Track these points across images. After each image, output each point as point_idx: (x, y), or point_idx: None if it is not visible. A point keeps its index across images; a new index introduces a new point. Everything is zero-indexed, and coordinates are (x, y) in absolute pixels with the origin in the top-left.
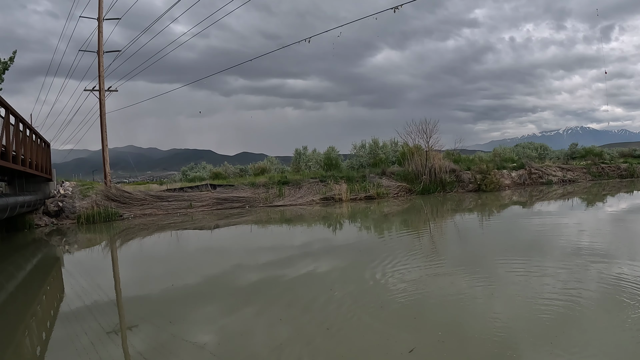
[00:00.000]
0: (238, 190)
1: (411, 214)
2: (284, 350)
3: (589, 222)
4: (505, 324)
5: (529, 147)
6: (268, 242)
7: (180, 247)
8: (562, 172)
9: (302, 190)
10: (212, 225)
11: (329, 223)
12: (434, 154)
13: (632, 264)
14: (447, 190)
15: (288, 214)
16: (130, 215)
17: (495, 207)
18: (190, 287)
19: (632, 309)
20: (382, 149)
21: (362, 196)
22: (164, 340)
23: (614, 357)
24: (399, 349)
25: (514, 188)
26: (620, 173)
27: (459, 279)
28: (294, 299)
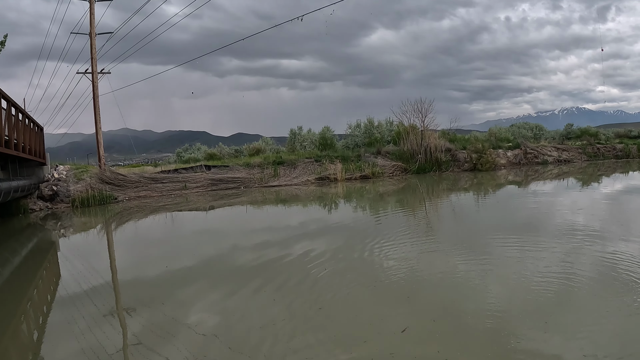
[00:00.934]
0: (233, 171)
1: (407, 194)
2: (276, 331)
3: (584, 202)
4: (499, 304)
5: (524, 127)
6: (263, 222)
7: (175, 229)
8: (557, 152)
9: (297, 170)
10: (207, 206)
11: (324, 203)
12: (429, 134)
13: (626, 243)
14: (443, 169)
15: (283, 194)
16: (125, 197)
17: (490, 187)
18: (186, 269)
19: (625, 289)
20: (377, 128)
21: (358, 176)
22: (160, 322)
23: (607, 336)
24: (392, 328)
25: (510, 168)
26: (616, 153)
27: (454, 258)
28: (289, 279)
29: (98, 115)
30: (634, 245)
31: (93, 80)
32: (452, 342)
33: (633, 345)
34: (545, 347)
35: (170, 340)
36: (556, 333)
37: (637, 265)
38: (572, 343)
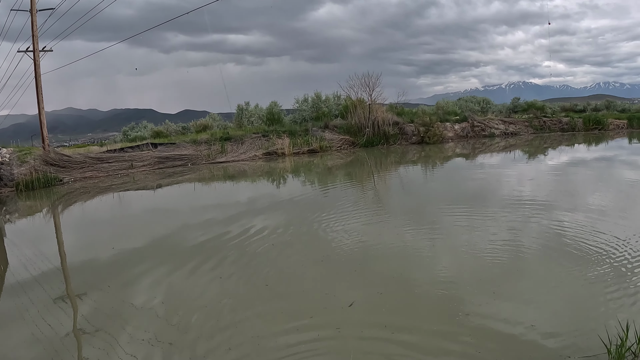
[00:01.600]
0: (180, 148)
1: (355, 167)
2: (222, 308)
3: (530, 174)
4: (448, 274)
5: (471, 101)
6: (212, 199)
7: (123, 209)
8: (504, 125)
9: (244, 145)
10: (155, 185)
11: (272, 178)
12: (377, 107)
13: (573, 214)
14: (391, 142)
15: (231, 170)
16: (71, 179)
17: (438, 159)
18: (134, 250)
19: (572, 258)
20: (325, 102)
21: (305, 150)
22: (110, 304)
23: (554, 306)
24: (339, 302)
25: (457, 140)
26: (562, 127)
27: (402, 230)
28: (235, 256)
29: (40, 95)
30: (580, 215)
31: (35, 58)
32: (400, 314)
33: (579, 313)
34: (494, 317)
35: (121, 322)
36: (504, 302)
37: (583, 235)
38: (520, 312)
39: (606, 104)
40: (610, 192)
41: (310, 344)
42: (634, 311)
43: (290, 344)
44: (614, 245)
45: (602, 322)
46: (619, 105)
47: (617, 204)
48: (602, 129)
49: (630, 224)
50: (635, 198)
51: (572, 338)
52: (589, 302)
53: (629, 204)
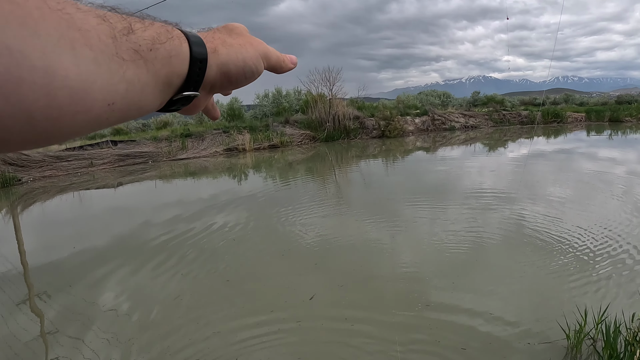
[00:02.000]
0: (140, 145)
1: (316, 162)
2: (183, 305)
3: (491, 166)
4: (408, 267)
5: (432, 95)
6: (173, 196)
7: (84, 208)
8: (464, 119)
9: (205, 142)
10: (115, 183)
11: (233, 174)
12: (337, 102)
13: (533, 205)
14: (351, 137)
15: (192, 166)
16: (30, 178)
17: (399, 153)
18: (96, 249)
19: (532, 249)
20: (286, 97)
21: (266, 145)
22: (74, 305)
23: (513, 293)
24: (299, 296)
25: (418, 134)
26: (521, 120)
27: (364, 223)
28: (197, 253)
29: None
30: (541, 206)
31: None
32: (360, 306)
33: (539, 302)
34: (454, 307)
35: (83, 322)
36: (465, 292)
37: (544, 225)
38: (480, 302)
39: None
40: (570, 183)
41: (270, 337)
42: (593, 298)
43: (250, 338)
44: (575, 235)
45: (562, 310)
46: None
47: (577, 195)
48: (560, 122)
49: (591, 214)
50: (595, 188)
51: (533, 326)
52: (549, 290)
53: (590, 194)
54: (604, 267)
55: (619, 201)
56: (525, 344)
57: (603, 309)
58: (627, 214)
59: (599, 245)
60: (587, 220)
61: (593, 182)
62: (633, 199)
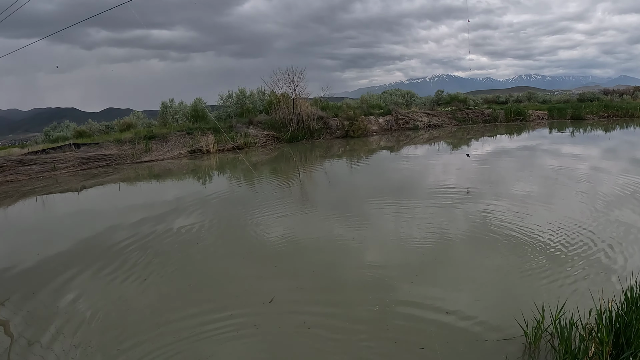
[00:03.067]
0: (103, 148)
1: (280, 162)
2: (145, 310)
3: (454, 164)
4: (371, 266)
5: (396, 94)
6: (137, 200)
7: (47, 213)
8: (428, 118)
9: (169, 144)
10: (79, 186)
11: (197, 176)
12: (301, 102)
13: (496, 202)
14: (316, 137)
15: (156, 169)
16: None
17: (363, 152)
18: (60, 254)
19: (493, 245)
20: (250, 98)
21: (230, 147)
22: (37, 312)
23: (474, 290)
24: (259, 299)
25: (382, 134)
26: (484, 118)
27: (328, 223)
28: (162, 256)
29: None
30: (504, 203)
31: None
32: (319, 309)
33: (499, 298)
34: (416, 304)
35: (45, 328)
36: (427, 289)
37: (505, 222)
38: (442, 298)
39: (528, 95)
40: (532, 180)
41: (230, 341)
42: (551, 295)
43: (210, 342)
44: (535, 232)
45: (521, 307)
46: (540, 97)
47: (540, 191)
48: (523, 120)
49: (552, 210)
50: (557, 185)
51: (492, 322)
52: (509, 287)
53: (552, 190)
54: (562, 263)
55: (580, 197)
56: (483, 340)
57: (560, 306)
58: (589, 211)
59: (557, 242)
60: (546, 216)
61: (554, 178)
62: (596, 195)
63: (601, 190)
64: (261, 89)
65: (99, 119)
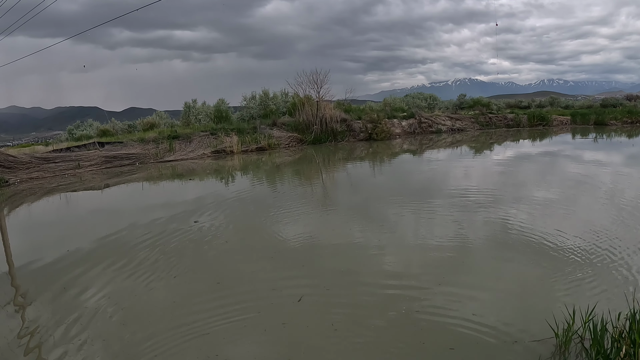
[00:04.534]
0: (127, 147)
1: (303, 164)
2: (174, 308)
3: (476, 169)
4: (394, 269)
5: (418, 97)
6: (161, 199)
7: (71, 210)
8: (451, 122)
9: (192, 144)
10: (102, 184)
11: (221, 176)
12: (324, 104)
13: (519, 207)
14: (339, 139)
15: (179, 168)
16: (17, 180)
17: (386, 155)
18: (83, 251)
19: (517, 249)
20: (273, 100)
21: (254, 147)
22: (64, 307)
23: (500, 293)
24: (288, 298)
25: (405, 137)
26: (507, 123)
27: (350, 226)
28: (188, 255)
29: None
30: (524, 208)
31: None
32: (346, 310)
33: (526, 302)
34: (440, 308)
35: (77, 326)
36: (451, 294)
37: (526, 227)
38: (467, 302)
39: (550, 100)
40: (556, 186)
41: (256, 338)
42: (579, 298)
43: (238, 339)
44: (561, 237)
45: (549, 309)
46: (563, 102)
47: (566, 196)
48: (546, 125)
49: (580, 216)
50: (583, 190)
51: (520, 323)
52: (536, 290)
53: (577, 195)
54: (591, 267)
55: (606, 203)
56: (512, 342)
57: (590, 308)
58: (614, 216)
59: (582, 247)
60: (571, 222)
61: (581, 184)
62: (620, 200)
63: (628, 196)
64: (284, 91)
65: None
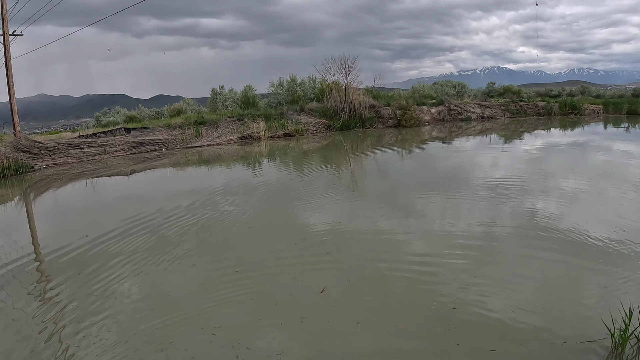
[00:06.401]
0: (154, 132)
1: (331, 151)
2: (193, 296)
3: (506, 158)
4: (421, 260)
5: (447, 85)
6: (186, 185)
7: (96, 196)
8: (480, 109)
9: (219, 130)
10: (128, 170)
11: (247, 162)
12: (353, 90)
13: (546, 198)
14: (367, 126)
15: (206, 154)
16: (43, 165)
17: (415, 143)
18: (109, 237)
19: (545, 242)
20: (300, 85)
21: (281, 133)
22: (89, 293)
23: (531, 289)
24: (311, 289)
25: (434, 124)
26: (538, 111)
27: (377, 214)
28: (211, 241)
29: (11, 81)
30: (552, 199)
31: (5, 42)
32: (370, 305)
33: (554, 296)
34: (474, 304)
35: (95, 310)
36: (482, 287)
37: (555, 218)
38: (499, 297)
39: (581, 89)
40: (592, 177)
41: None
42: (634, 297)
43: (254, 330)
44: (606, 232)
45: (601, 307)
46: (594, 91)
47: (605, 188)
48: (578, 114)
49: (618, 210)
50: (632, 183)
51: (566, 323)
52: (585, 286)
53: (626, 189)
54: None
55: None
56: (561, 342)
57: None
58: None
59: (629, 242)
60: (616, 216)
61: (628, 176)
62: None
63: None
64: (312, 77)
65: (149, 105)
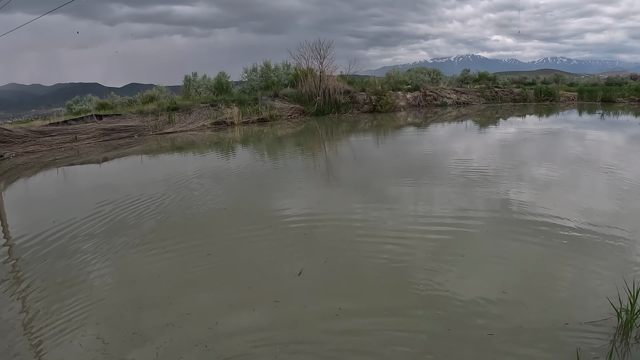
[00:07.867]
0: (126, 119)
1: (305, 136)
2: (162, 281)
3: (480, 145)
4: (394, 246)
5: (421, 72)
6: (159, 172)
7: (68, 185)
8: (456, 95)
9: (192, 115)
10: (100, 158)
11: (221, 149)
12: (328, 76)
13: (519, 185)
14: (342, 111)
15: (179, 141)
16: (12, 154)
17: (390, 128)
18: (80, 225)
19: (516, 226)
20: (275, 71)
21: (255, 119)
22: (63, 281)
23: (499, 275)
24: (288, 271)
25: (409, 109)
26: (514, 97)
27: (351, 201)
28: (185, 230)
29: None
30: (527, 186)
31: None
32: (345, 287)
33: (533, 280)
34: (461, 287)
35: (65, 297)
36: (471, 269)
37: (530, 205)
38: (490, 279)
39: (555, 77)
40: (570, 164)
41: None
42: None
43: (227, 312)
44: (604, 213)
45: (605, 288)
46: (567, 80)
47: (597, 177)
48: (553, 101)
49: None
50: (615, 167)
51: (567, 303)
52: (581, 266)
53: (614, 174)
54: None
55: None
56: (563, 323)
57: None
58: None
59: (624, 229)
60: (625, 195)
61: (611, 162)
62: None
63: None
64: (286, 63)
65: (121, 93)
